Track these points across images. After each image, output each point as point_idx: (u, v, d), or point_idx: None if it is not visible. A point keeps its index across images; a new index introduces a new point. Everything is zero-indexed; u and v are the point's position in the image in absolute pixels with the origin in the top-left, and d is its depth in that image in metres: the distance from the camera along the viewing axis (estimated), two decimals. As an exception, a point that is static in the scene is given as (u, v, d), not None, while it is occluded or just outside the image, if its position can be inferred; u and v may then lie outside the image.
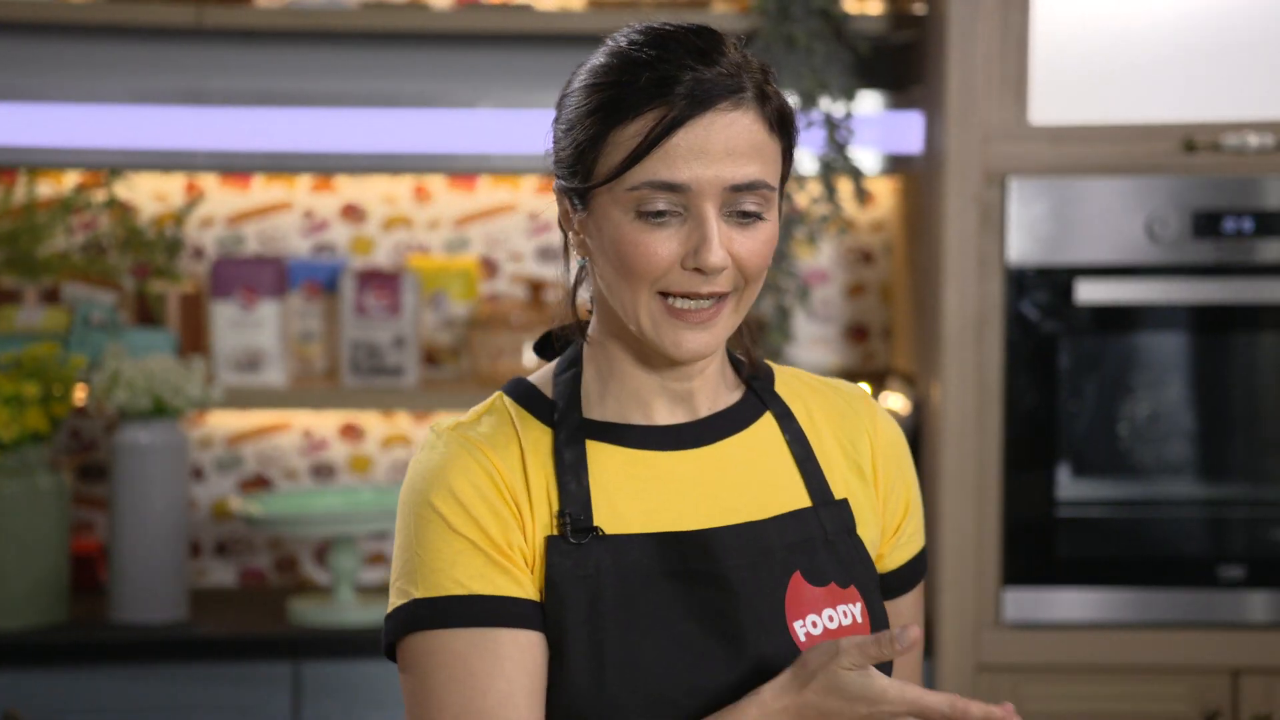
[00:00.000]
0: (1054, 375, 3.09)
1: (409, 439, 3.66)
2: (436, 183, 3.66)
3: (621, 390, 1.63)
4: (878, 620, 1.65)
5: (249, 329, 3.49)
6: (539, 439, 1.60)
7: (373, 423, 3.67)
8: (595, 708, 1.54)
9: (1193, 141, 3.05)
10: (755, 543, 1.60)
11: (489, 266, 3.69)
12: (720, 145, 1.52)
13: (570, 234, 1.62)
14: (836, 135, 3.38)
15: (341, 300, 3.51)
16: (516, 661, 1.53)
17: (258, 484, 3.65)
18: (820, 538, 1.63)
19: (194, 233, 3.64)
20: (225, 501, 3.62)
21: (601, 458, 1.61)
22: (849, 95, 3.38)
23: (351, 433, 3.67)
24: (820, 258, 3.68)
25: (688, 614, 1.57)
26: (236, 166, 3.56)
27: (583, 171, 1.56)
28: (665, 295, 1.55)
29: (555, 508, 1.58)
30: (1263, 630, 3.08)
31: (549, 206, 3.67)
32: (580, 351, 1.65)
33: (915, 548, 1.74)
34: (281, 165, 3.56)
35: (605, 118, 1.55)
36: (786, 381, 1.71)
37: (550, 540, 1.57)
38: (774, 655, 1.57)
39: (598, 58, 1.59)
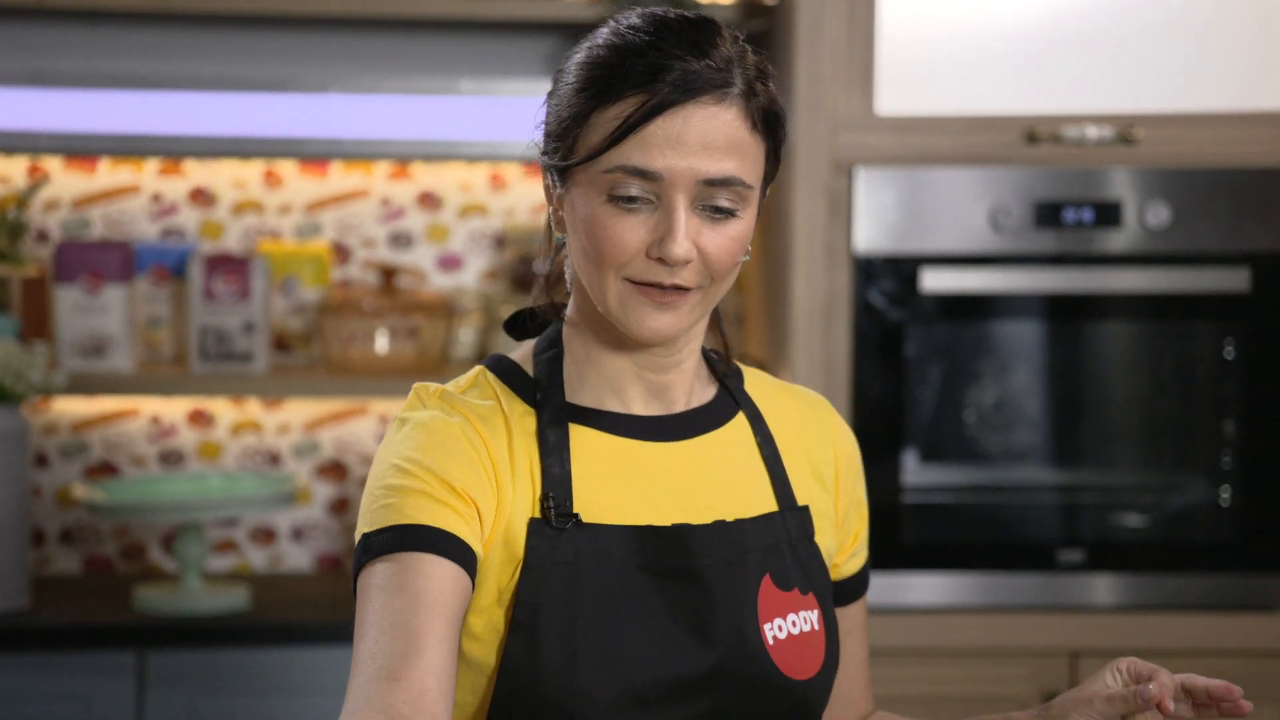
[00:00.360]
0: (901, 363, 3.13)
1: (259, 425, 3.63)
2: (287, 168, 3.64)
3: (599, 376, 1.63)
4: (831, 628, 1.66)
5: (94, 314, 3.44)
6: (523, 417, 1.61)
7: (222, 409, 3.63)
8: (566, 694, 1.53)
9: (1034, 133, 3.10)
10: (732, 542, 1.61)
11: (341, 252, 3.66)
12: (697, 137, 1.52)
13: (551, 210, 1.62)
14: (688, 123, 3.39)
15: (190, 285, 3.48)
16: (442, 582, 1.49)
17: (104, 471, 3.61)
18: (786, 542, 1.65)
19: (38, 216, 3.58)
20: (69, 489, 3.58)
21: (584, 442, 1.61)
22: (700, 84, 3.40)
23: (200, 419, 3.63)
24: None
25: (662, 608, 1.57)
26: (81, 149, 3.51)
27: (564, 149, 1.57)
28: (630, 281, 1.55)
29: (538, 488, 1.58)
30: (1102, 613, 3.14)
31: (401, 192, 3.66)
32: (560, 332, 1.65)
33: (865, 557, 1.77)
34: (128, 148, 3.52)
35: (591, 98, 1.54)
36: (755, 383, 1.72)
37: (533, 523, 1.57)
38: (746, 654, 1.59)
39: (598, 37, 1.58)
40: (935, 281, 3.11)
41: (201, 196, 3.64)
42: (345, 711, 1.44)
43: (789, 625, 1.61)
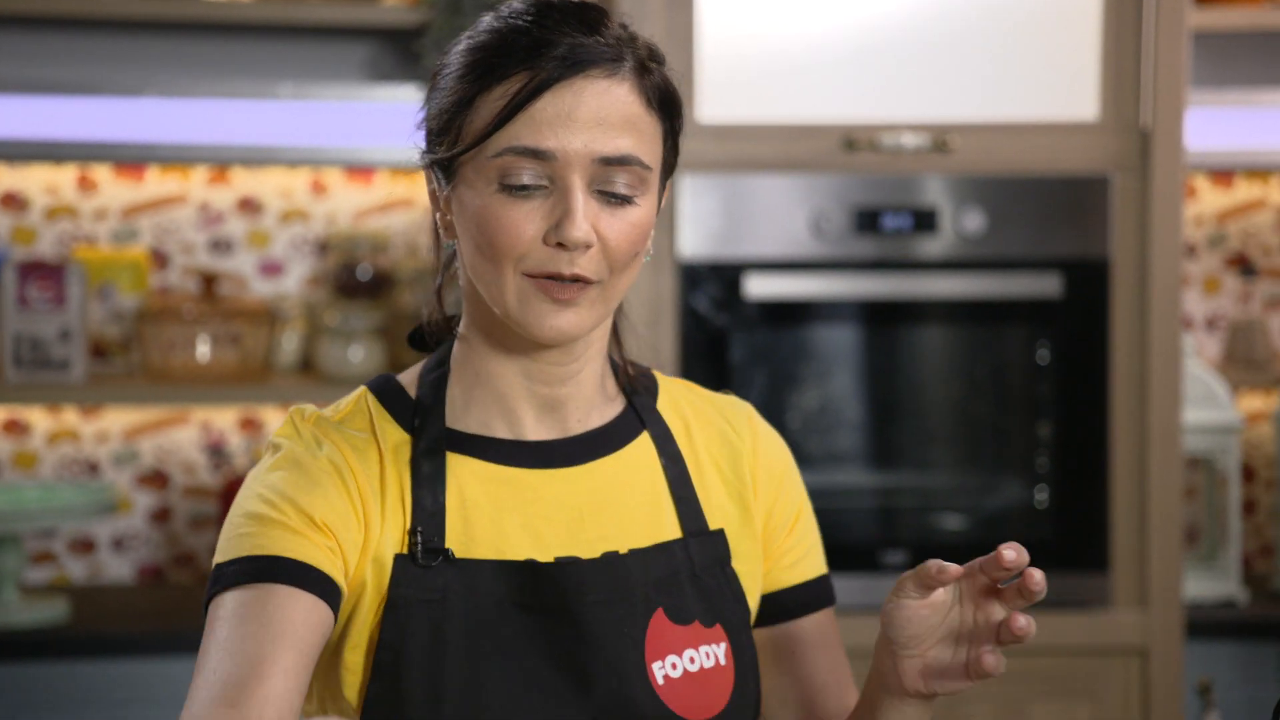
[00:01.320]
0: (726, 368, 3.16)
1: (77, 434, 3.57)
2: (102, 172, 3.58)
3: (487, 396, 1.53)
4: (744, 660, 1.55)
5: (-96, 322, 3.36)
6: (399, 445, 1.51)
7: (38, 418, 3.56)
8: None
9: (852, 140, 3.14)
10: (615, 579, 1.51)
11: (159, 258, 3.61)
12: (590, 113, 1.44)
13: (437, 215, 1.52)
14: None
15: (3, 292, 3.41)
16: (297, 613, 1.41)
17: (-86, 483, 3.52)
18: (686, 572, 1.54)
19: None
20: (-121, 501, 3.48)
21: (462, 472, 1.51)
22: (524, 90, 3.40)
23: (15, 428, 3.56)
24: (497, 251, 3.69)
25: (537, 650, 1.48)
26: (-111, 153, 3.43)
27: (448, 140, 1.47)
28: (529, 276, 1.46)
29: (408, 522, 1.49)
30: (921, 613, 3.18)
31: (220, 198, 3.62)
32: (450, 350, 1.56)
33: (813, 570, 1.64)
34: (-62, 153, 3.44)
35: (474, 80, 1.46)
36: (672, 396, 1.62)
37: (399, 559, 1.48)
38: (628, 698, 1.48)
39: (479, 25, 1.49)
40: (759, 287, 3.14)
41: (13, 201, 3.56)
42: None
43: (684, 662, 1.51)
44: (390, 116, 3.47)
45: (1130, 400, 3.17)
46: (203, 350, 3.45)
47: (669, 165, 1.52)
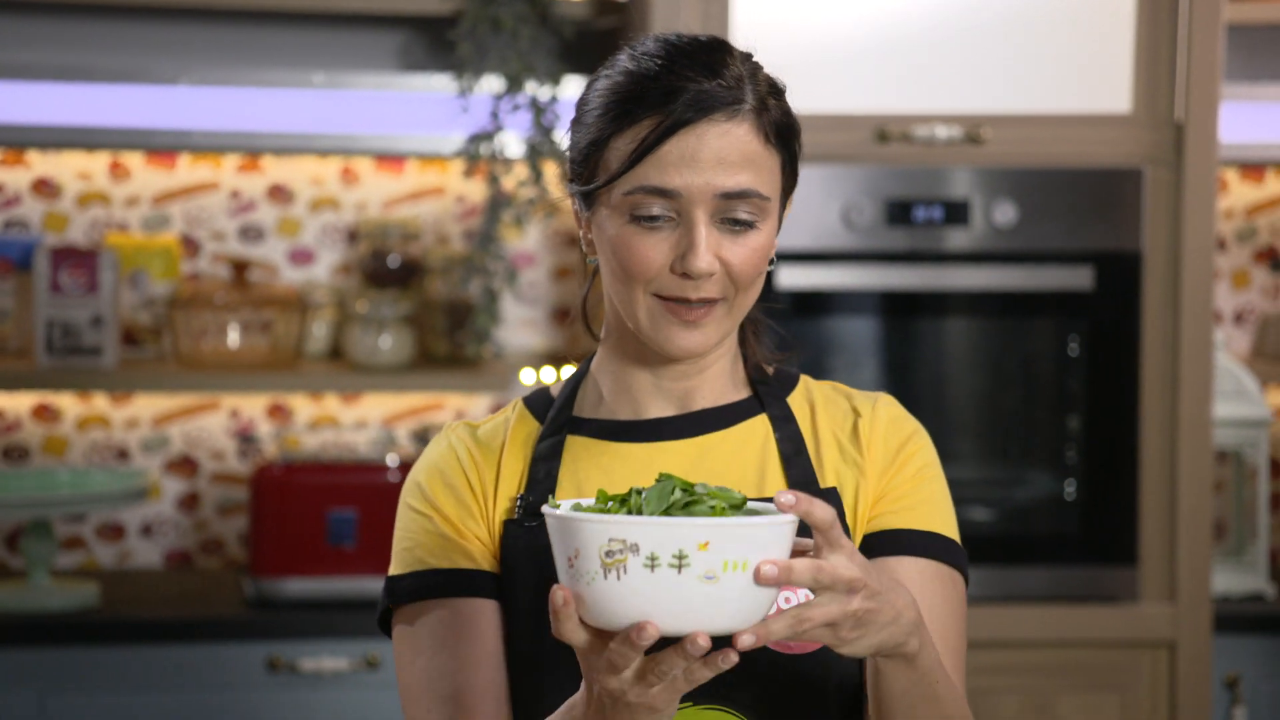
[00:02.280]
0: (753, 358, 3.16)
1: (107, 420, 3.58)
2: (134, 159, 3.59)
3: (618, 387, 1.67)
4: None
5: (-63, 307, 3.38)
6: (529, 434, 1.69)
7: (68, 404, 3.58)
8: (536, 678, 1.59)
9: (885, 132, 3.14)
10: None
11: (190, 245, 3.62)
12: (711, 154, 1.56)
13: (581, 234, 1.66)
14: (543, 119, 3.40)
15: (36, 278, 3.42)
16: (477, 626, 1.60)
17: (-54, 467, 3.54)
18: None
19: (-122, 207, 3.51)
20: (-89, 485, 3.50)
21: (578, 450, 1.66)
22: (555, 79, 3.40)
23: (46, 414, 3.58)
24: (527, 240, 3.70)
25: None
26: (-77, 139, 3.45)
27: (587, 174, 1.62)
28: (659, 298, 1.60)
29: (519, 494, 1.65)
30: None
31: (251, 185, 3.63)
32: (594, 355, 1.72)
33: (925, 523, 1.66)
34: (-28, 139, 3.45)
35: (609, 123, 1.59)
36: (808, 390, 1.72)
37: (507, 524, 1.64)
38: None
39: (616, 65, 1.63)
40: (790, 278, 3.14)
41: (45, 187, 3.58)
42: None
43: (780, 601, 1.57)
44: (422, 105, 3.48)
45: (1160, 394, 3.17)
46: (233, 337, 3.47)
47: (788, 189, 1.65)
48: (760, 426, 1.68)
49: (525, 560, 1.62)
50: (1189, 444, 3.16)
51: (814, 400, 1.70)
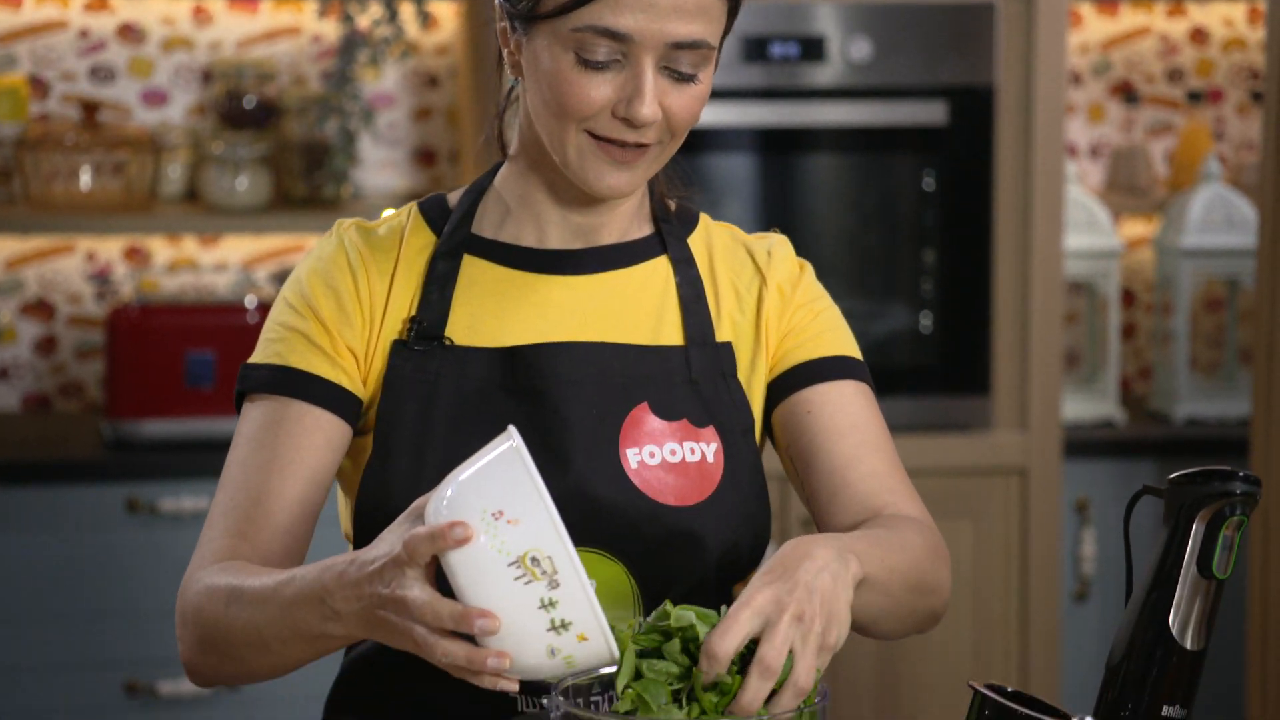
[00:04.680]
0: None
1: (-41, 266, 3.53)
2: (-20, -2, 3.51)
3: (523, 214, 1.64)
4: (738, 462, 1.61)
5: None
6: (421, 249, 1.63)
7: (-82, 249, 3.52)
8: (411, 502, 1.52)
9: (742, -35, 3.13)
10: (593, 364, 1.59)
11: (39, 86, 3.55)
12: (669, 1, 1.51)
13: (505, 51, 1.60)
14: (397, -45, 3.36)
15: (-121, 120, 3.35)
16: (308, 433, 1.57)
17: None
18: (682, 376, 1.61)
19: None
20: None
21: (475, 273, 1.62)
22: (409, -86, 3.36)
23: (-104, 260, 3.52)
24: (386, 81, 3.66)
25: (519, 428, 1.52)
26: None
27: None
28: (592, 135, 1.55)
29: (412, 315, 1.61)
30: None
31: (100, 25, 3.56)
32: (498, 170, 1.66)
33: (830, 348, 1.66)
34: None
35: None
36: (708, 232, 1.69)
37: (394, 344, 1.60)
38: (598, 478, 1.56)
39: None
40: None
41: (-111, 28, 3.50)
42: (192, 564, 1.53)
43: (664, 453, 1.58)
44: (273, -60, 3.42)
45: (1013, 226, 3.22)
46: (85, 179, 3.42)
47: (726, 33, 1.59)
48: (661, 268, 1.65)
49: (410, 385, 1.59)
50: (1041, 275, 3.21)
51: (713, 246, 1.68)
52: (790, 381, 1.65)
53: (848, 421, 1.63)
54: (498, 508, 1.28)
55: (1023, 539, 3.23)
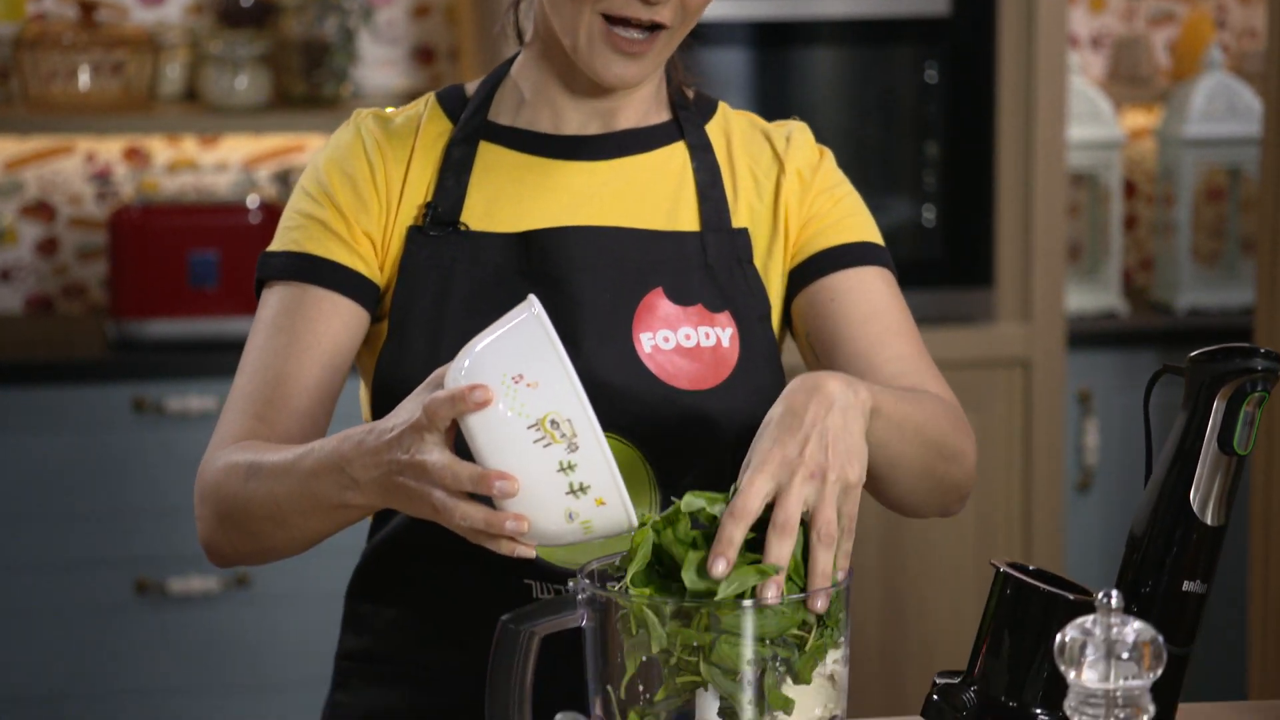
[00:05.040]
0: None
1: (-43, 168, 3.52)
2: (-28, -104, 3.47)
3: (539, 99, 1.63)
4: (753, 347, 1.61)
5: None
6: (438, 136, 1.63)
7: (-83, 152, 3.51)
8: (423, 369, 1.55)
9: None
10: (608, 249, 1.60)
11: (35, -15, 3.53)
12: None
13: None
14: None
15: (-126, 21, 3.32)
16: (325, 318, 1.58)
17: None
18: (698, 261, 1.61)
19: None
20: None
21: (491, 159, 1.62)
22: None
23: (-106, 163, 3.50)
24: (381, -24, 3.63)
25: None
26: None
27: None
28: (605, 17, 1.54)
29: (428, 201, 1.61)
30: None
31: (96, -78, 3.52)
32: (514, 59, 1.66)
33: (851, 234, 1.65)
34: None
35: None
36: (726, 119, 1.69)
37: (410, 230, 1.61)
38: (611, 361, 1.56)
39: None
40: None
41: (-119, -72, 3.46)
42: (211, 445, 1.55)
43: (678, 337, 1.59)
44: None
45: (1016, 118, 3.21)
46: (84, 79, 3.40)
47: None
48: (678, 154, 1.65)
49: (426, 271, 1.60)
50: (1044, 167, 3.21)
51: (731, 132, 1.68)
52: (812, 268, 1.64)
53: (871, 308, 1.62)
54: (517, 371, 1.29)
55: (1026, 430, 3.24)
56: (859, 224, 1.67)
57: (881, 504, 1.55)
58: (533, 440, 1.28)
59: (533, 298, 1.33)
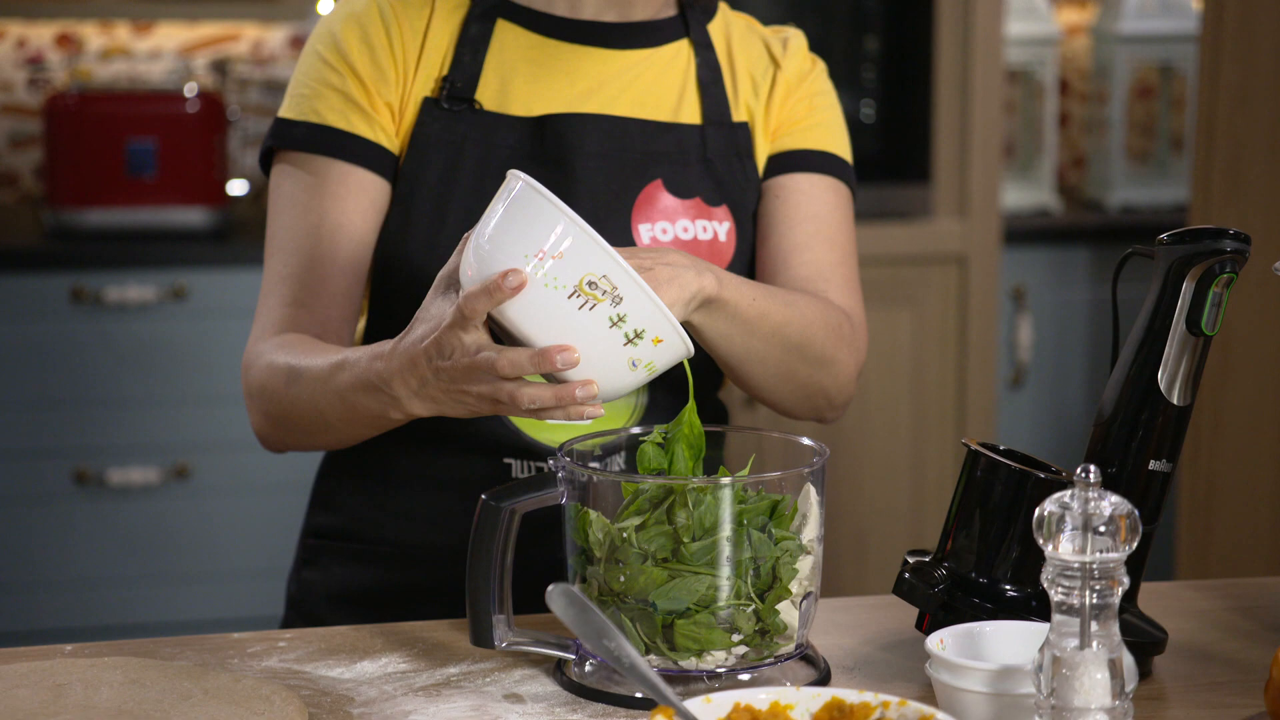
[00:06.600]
0: None
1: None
2: None
3: None
4: (748, 240, 1.64)
5: None
6: (456, 7, 1.63)
7: None
8: (429, 259, 1.56)
9: None
10: (613, 137, 1.61)
11: None
12: None
13: None
14: None
15: None
16: (353, 195, 1.58)
17: None
18: (698, 154, 1.64)
19: None
20: None
21: (507, 38, 1.63)
22: None
23: None
24: None
25: None
26: None
27: None
28: None
29: (444, 75, 1.61)
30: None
31: None
32: None
33: (817, 143, 1.69)
34: None
35: None
36: (726, 21, 1.70)
37: (425, 102, 1.60)
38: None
39: None
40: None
41: None
42: (253, 334, 1.56)
43: (676, 230, 1.61)
44: None
45: (955, 11, 3.22)
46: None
47: None
48: (684, 50, 1.67)
49: (436, 145, 1.60)
50: (981, 63, 3.22)
51: (731, 33, 1.70)
52: (772, 167, 1.68)
53: (809, 211, 1.66)
54: (536, 247, 1.28)
55: (960, 326, 3.28)
56: (828, 135, 1.70)
57: (754, 399, 1.60)
58: (577, 307, 1.28)
59: (514, 171, 1.33)
